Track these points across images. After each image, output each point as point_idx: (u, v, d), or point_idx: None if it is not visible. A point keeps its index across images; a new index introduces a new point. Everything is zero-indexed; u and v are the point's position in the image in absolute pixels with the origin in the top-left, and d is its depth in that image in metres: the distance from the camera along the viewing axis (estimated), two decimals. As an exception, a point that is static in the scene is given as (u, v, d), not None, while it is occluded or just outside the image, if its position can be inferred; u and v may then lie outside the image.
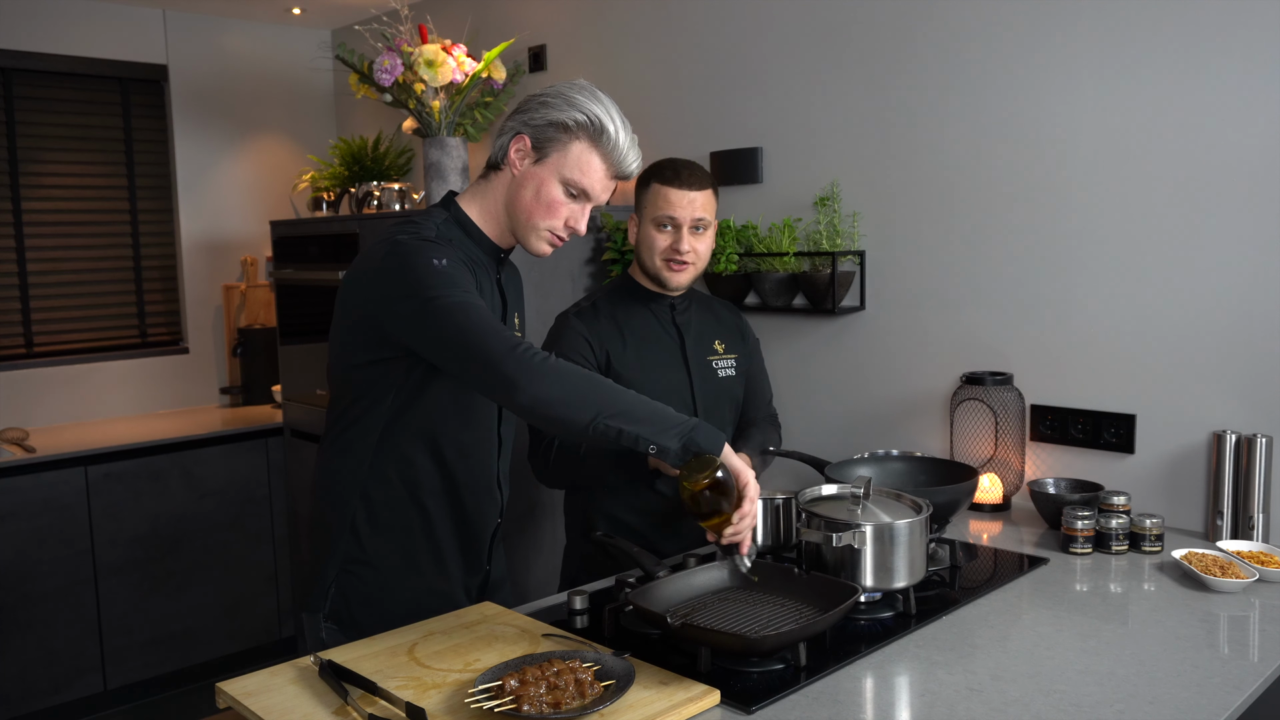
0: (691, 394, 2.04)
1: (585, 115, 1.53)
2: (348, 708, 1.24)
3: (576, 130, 1.54)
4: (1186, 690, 1.30)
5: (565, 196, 1.56)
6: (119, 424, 3.77)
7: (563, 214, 1.57)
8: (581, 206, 1.58)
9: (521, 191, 1.57)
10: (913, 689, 1.33)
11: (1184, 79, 2.01)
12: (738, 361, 2.14)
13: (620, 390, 1.42)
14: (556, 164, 1.55)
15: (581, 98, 1.54)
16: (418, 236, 1.51)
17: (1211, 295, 2.01)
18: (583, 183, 1.55)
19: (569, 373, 1.39)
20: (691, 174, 1.98)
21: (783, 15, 2.69)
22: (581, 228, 1.59)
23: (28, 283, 3.75)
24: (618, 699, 1.22)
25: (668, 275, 2.01)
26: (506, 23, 3.55)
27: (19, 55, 3.66)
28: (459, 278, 1.46)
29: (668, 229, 1.98)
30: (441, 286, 1.44)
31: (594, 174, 1.56)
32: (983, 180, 2.32)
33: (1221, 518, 1.95)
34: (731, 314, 2.23)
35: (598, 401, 1.38)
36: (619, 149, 1.56)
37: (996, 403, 2.25)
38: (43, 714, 3.26)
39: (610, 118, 1.55)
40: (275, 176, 4.33)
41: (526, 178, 1.56)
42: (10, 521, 3.15)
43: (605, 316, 2.03)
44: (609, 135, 1.55)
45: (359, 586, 1.61)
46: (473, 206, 1.62)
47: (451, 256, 1.49)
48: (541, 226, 1.57)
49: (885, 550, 1.51)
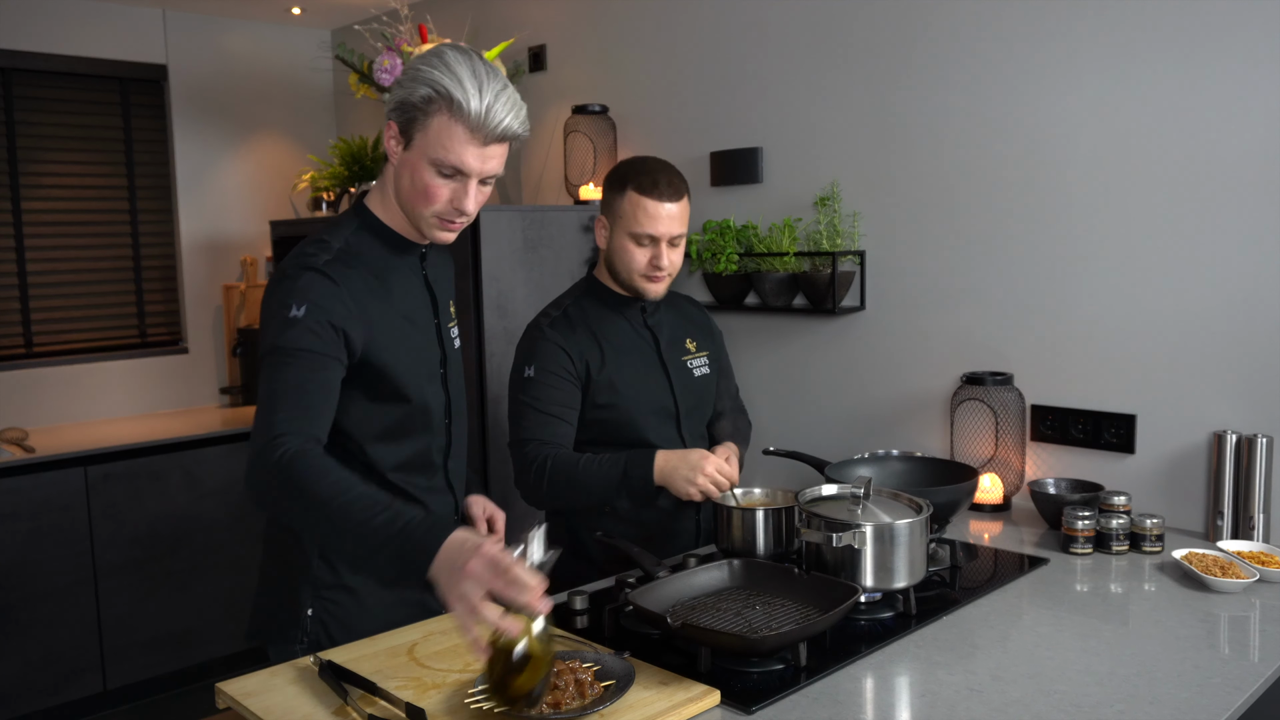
0: (673, 398, 1.98)
1: (430, 88, 1.39)
2: (348, 708, 1.24)
3: (428, 106, 1.40)
4: (1187, 690, 1.29)
5: (440, 178, 1.44)
6: (119, 424, 3.77)
7: (443, 197, 1.45)
8: (462, 184, 1.45)
9: (400, 181, 1.48)
10: (913, 689, 1.33)
11: (1184, 78, 2.01)
12: (710, 359, 2.09)
13: (343, 523, 1.24)
14: (421, 146, 1.43)
15: (426, 68, 1.40)
16: (304, 264, 1.44)
17: (1211, 295, 2.01)
18: (450, 160, 1.42)
19: (292, 486, 1.28)
20: (670, 183, 1.88)
21: (783, 15, 2.69)
22: (468, 207, 1.46)
23: (28, 283, 3.75)
24: (618, 699, 1.22)
25: (646, 287, 1.92)
26: (506, 23, 3.55)
27: (19, 55, 3.66)
28: (302, 334, 1.39)
29: (646, 245, 1.89)
30: (278, 338, 1.39)
31: (460, 147, 1.41)
32: (983, 180, 2.32)
33: (1222, 518, 1.95)
34: (696, 309, 2.16)
35: (309, 519, 1.29)
36: (479, 113, 1.40)
37: (997, 403, 2.24)
38: (43, 714, 3.26)
39: (458, 81, 1.39)
40: (275, 176, 4.33)
41: (402, 166, 1.47)
42: (10, 521, 3.15)
43: (579, 325, 1.93)
44: (460, 102, 1.39)
45: (337, 612, 1.56)
46: (379, 206, 1.55)
47: (318, 298, 1.40)
48: (427, 214, 1.47)
49: (885, 550, 1.51)
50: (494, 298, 2.83)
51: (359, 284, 1.48)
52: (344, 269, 1.47)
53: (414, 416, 1.57)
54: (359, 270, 1.49)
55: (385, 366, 1.49)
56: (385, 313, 1.51)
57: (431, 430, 1.60)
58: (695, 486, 1.76)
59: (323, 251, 1.47)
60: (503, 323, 2.83)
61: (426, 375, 1.58)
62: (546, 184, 3.49)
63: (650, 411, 1.96)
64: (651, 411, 1.96)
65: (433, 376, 1.60)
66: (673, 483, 1.79)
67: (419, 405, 1.56)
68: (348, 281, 1.46)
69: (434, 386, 1.60)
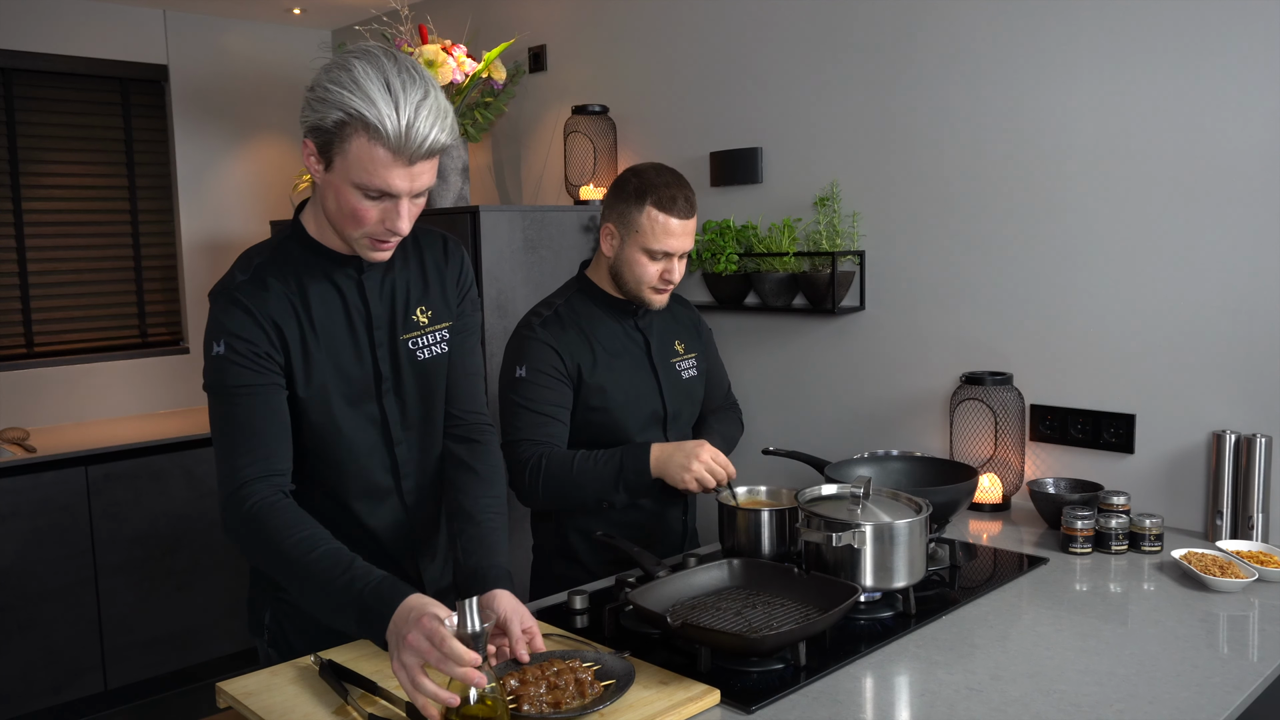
0: (661, 399, 1.98)
1: (341, 112, 1.27)
2: (348, 708, 1.24)
3: (342, 130, 1.28)
4: (1186, 690, 1.30)
5: (366, 201, 1.33)
6: (119, 424, 3.77)
7: (372, 218, 1.35)
8: (393, 204, 1.34)
9: (326, 202, 1.38)
10: (913, 689, 1.33)
11: (1183, 78, 2.01)
12: (698, 360, 2.09)
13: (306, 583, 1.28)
14: (342, 170, 1.31)
15: (335, 88, 1.27)
16: (221, 288, 1.43)
17: (1211, 295, 2.01)
18: (375, 184, 1.31)
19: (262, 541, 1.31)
20: (687, 199, 1.87)
21: (783, 15, 2.70)
22: (401, 227, 1.35)
23: (28, 283, 3.75)
24: (618, 699, 1.22)
25: (652, 299, 1.92)
26: (506, 23, 3.55)
27: (19, 55, 3.66)
28: (229, 369, 1.37)
29: (660, 259, 1.87)
30: (212, 378, 1.40)
31: (384, 171, 1.30)
32: (982, 180, 2.33)
33: (1221, 518, 1.95)
34: (685, 309, 2.15)
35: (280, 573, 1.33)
36: (399, 133, 1.27)
37: (996, 403, 2.25)
38: (43, 714, 3.26)
39: (370, 101, 1.26)
40: (275, 176, 4.33)
41: (326, 186, 1.36)
42: (10, 521, 3.15)
43: (570, 325, 1.91)
44: (376, 125, 1.26)
45: (292, 615, 1.55)
46: (309, 219, 1.48)
47: (236, 329, 1.38)
48: (356, 236, 1.38)
49: (885, 550, 1.51)
50: (494, 298, 2.83)
51: (275, 303, 1.43)
52: (257, 288, 1.42)
53: (330, 440, 1.48)
54: (277, 286, 1.44)
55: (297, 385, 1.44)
56: (299, 331, 1.44)
57: (358, 454, 1.51)
58: (690, 474, 1.76)
59: (240, 271, 1.45)
60: (503, 323, 2.83)
61: (347, 396, 1.49)
62: (546, 184, 3.49)
63: (639, 415, 1.95)
64: (640, 415, 1.95)
65: (360, 397, 1.50)
66: (668, 471, 1.78)
67: (331, 429, 1.48)
68: (260, 301, 1.42)
69: (363, 407, 1.51)
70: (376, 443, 1.53)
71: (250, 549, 1.35)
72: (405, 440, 1.56)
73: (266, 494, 1.35)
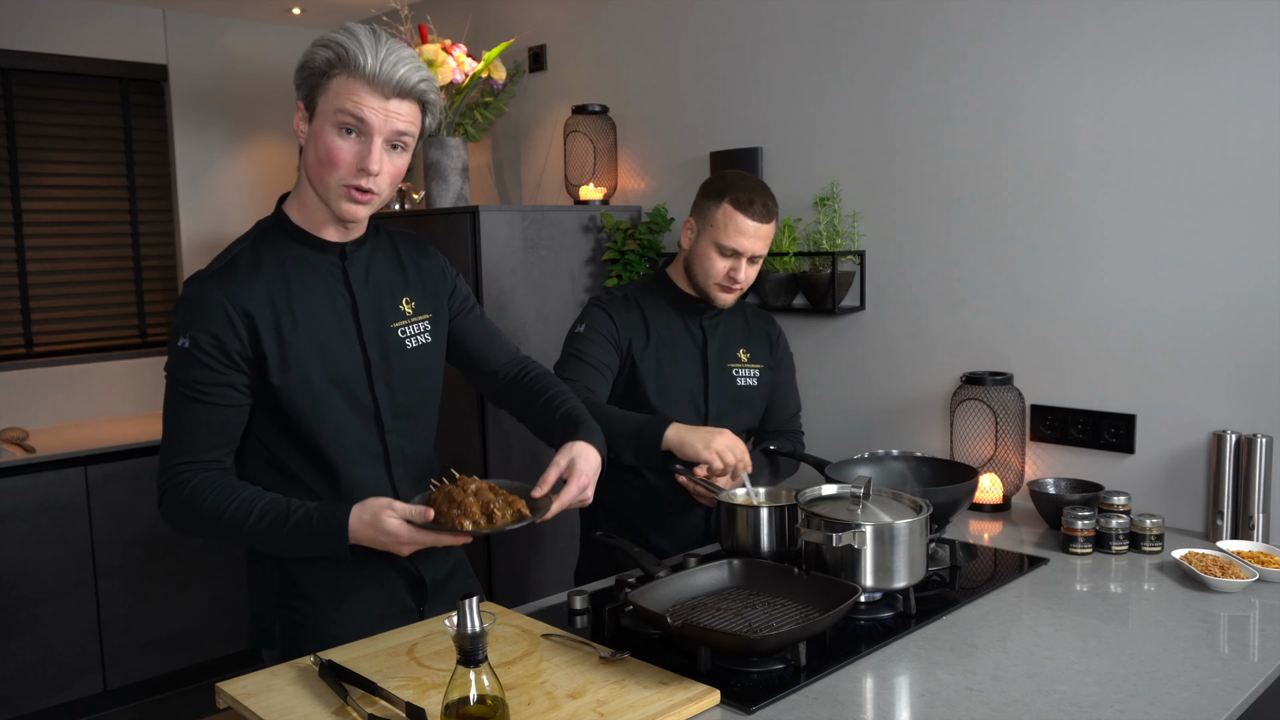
0: (705, 398, 2.06)
1: (329, 50, 1.40)
2: (348, 708, 1.24)
3: (329, 69, 1.40)
4: (1186, 690, 1.30)
5: (342, 139, 1.41)
6: (119, 424, 3.77)
7: (346, 158, 1.41)
8: (365, 144, 1.41)
9: (308, 159, 1.45)
10: (913, 689, 1.33)
11: (1184, 78, 2.01)
12: (761, 373, 2.14)
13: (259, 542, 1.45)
14: (324, 110, 1.41)
15: (326, 35, 1.42)
16: (196, 276, 1.46)
17: (1211, 295, 2.01)
18: (349, 109, 1.39)
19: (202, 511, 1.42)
20: (764, 205, 1.96)
21: (783, 15, 2.70)
22: (372, 166, 1.41)
23: (28, 283, 3.75)
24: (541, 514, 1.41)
25: (717, 296, 2.02)
26: (506, 23, 3.55)
27: (19, 55, 3.66)
28: (189, 365, 1.43)
29: (729, 256, 1.97)
30: (173, 367, 1.45)
31: (360, 98, 1.39)
32: (983, 180, 2.33)
33: (1221, 518, 1.95)
34: (764, 324, 2.21)
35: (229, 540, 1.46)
36: (375, 66, 1.39)
37: (996, 403, 2.25)
38: (43, 714, 3.26)
39: (356, 40, 1.39)
40: (275, 176, 4.33)
41: (309, 141, 1.45)
42: (10, 521, 3.15)
43: (635, 307, 2.06)
44: (357, 57, 1.38)
45: (301, 621, 1.56)
46: (294, 206, 1.52)
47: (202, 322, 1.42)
48: (332, 184, 1.43)
49: (885, 550, 1.51)
50: (494, 297, 2.83)
51: (247, 290, 1.45)
52: (229, 276, 1.45)
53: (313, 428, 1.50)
54: (253, 274, 1.46)
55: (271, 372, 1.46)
56: (273, 319, 1.46)
57: (347, 443, 1.53)
58: (711, 450, 1.82)
59: (217, 260, 1.49)
60: (503, 323, 2.83)
61: (335, 383, 1.50)
62: (546, 184, 3.49)
63: (678, 408, 2.02)
64: (680, 408, 2.03)
65: (349, 384, 1.52)
66: (687, 443, 1.83)
67: (313, 416, 1.49)
68: (231, 289, 1.44)
69: (352, 394, 1.52)
70: (367, 431, 1.55)
71: (193, 527, 1.45)
72: (395, 428, 1.58)
73: (196, 475, 1.44)
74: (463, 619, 1.09)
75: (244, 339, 1.44)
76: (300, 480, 1.53)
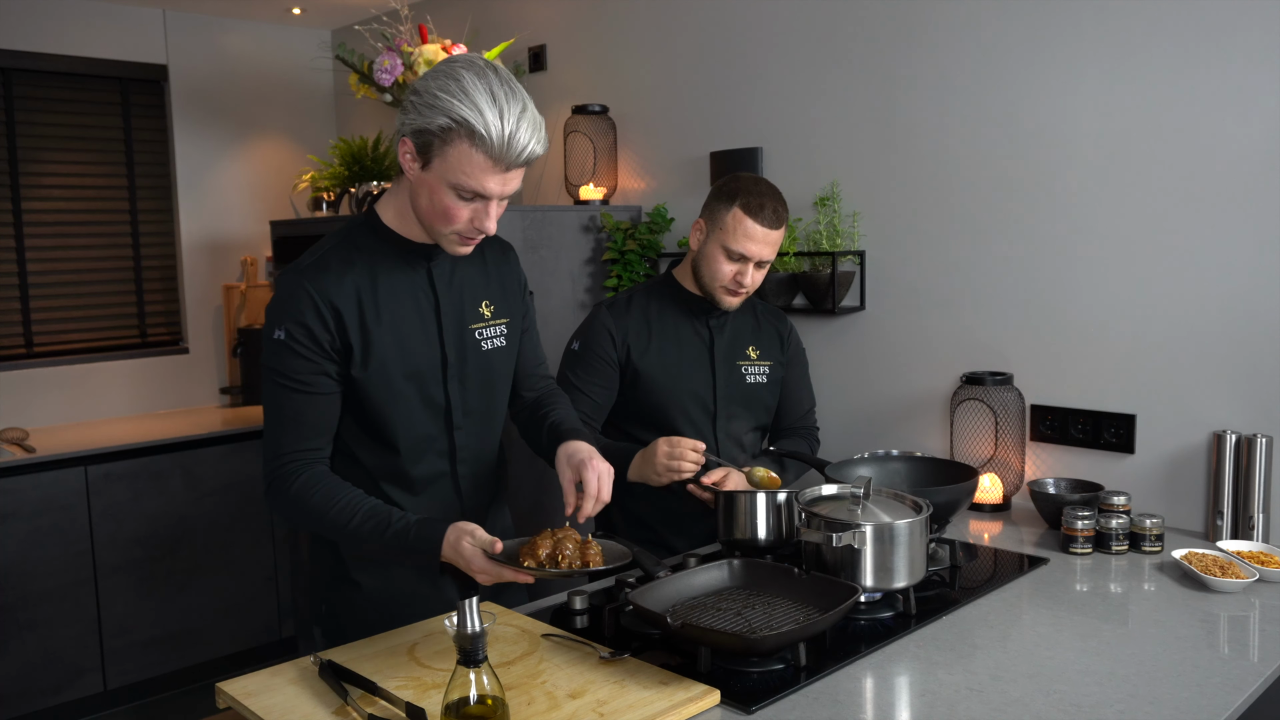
0: (713, 395, 2.06)
1: (449, 119, 1.36)
2: (348, 708, 1.24)
3: (447, 135, 1.37)
4: (1186, 690, 1.30)
5: (459, 201, 1.42)
6: (119, 424, 3.77)
7: (462, 217, 1.44)
8: (483, 205, 1.44)
9: (419, 198, 1.47)
10: (913, 689, 1.33)
11: (1184, 78, 2.01)
12: (771, 370, 2.14)
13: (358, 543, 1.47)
14: (440, 170, 1.40)
15: (445, 97, 1.36)
16: (291, 269, 1.50)
17: (1211, 295, 2.01)
18: (471, 185, 1.40)
19: (309, 507, 1.46)
20: (775, 211, 1.96)
21: (783, 15, 2.69)
22: (489, 227, 1.45)
23: (28, 283, 3.75)
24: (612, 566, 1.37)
25: (722, 298, 2.02)
26: (506, 23, 3.55)
27: (19, 55, 3.66)
28: (285, 356, 1.47)
29: (735, 260, 1.97)
30: (269, 359, 1.49)
31: (481, 174, 1.39)
32: (983, 180, 2.32)
33: (1221, 518, 1.95)
34: (774, 321, 2.22)
35: (328, 536, 1.52)
36: (501, 143, 1.36)
37: (996, 403, 2.25)
38: (43, 714, 3.26)
39: (478, 111, 1.35)
40: (275, 176, 4.33)
41: (420, 184, 1.44)
42: (10, 521, 3.15)
43: (637, 310, 2.07)
44: (482, 134, 1.35)
45: (347, 606, 1.61)
46: (389, 209, 1.56)
47: (298, 315, 1.46)
48: (445, 232, 1.47)
49: (885, 550, 1.51)
50: (494, 298, 2.83)
51: (336, 285, 1.49)
52: (319, 271, 1.49)
53: (388, 421, 1.55)
54: (342, 270, 1.50)
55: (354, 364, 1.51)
56: (358, 314, 1.50)
57: (417, 437, 1.58)
58: (661, 478, 1.86)
59: (311, 254, 1.53)
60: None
61: (411, 379, 1.55)
62: (546, 184, 3.49)
63: (686, 406, 2.03)
64: (688, 406, 2.04)
65: (425, 381, 1.57)
66: (646, 478, 1.89)
67: (390, 410, 1.54)
68: (320, 283, 1.48)
69: (426, 391, 1.57)
70: (436, 427, 1.60)
71: (297, 520, 1.49)
72: (465, 426, 1.63)
73: (304, 470, 1.48)
74: (463, 619, 1.09)
75: (332, 329, 1.49)
76: (366, 469, 1.58)
